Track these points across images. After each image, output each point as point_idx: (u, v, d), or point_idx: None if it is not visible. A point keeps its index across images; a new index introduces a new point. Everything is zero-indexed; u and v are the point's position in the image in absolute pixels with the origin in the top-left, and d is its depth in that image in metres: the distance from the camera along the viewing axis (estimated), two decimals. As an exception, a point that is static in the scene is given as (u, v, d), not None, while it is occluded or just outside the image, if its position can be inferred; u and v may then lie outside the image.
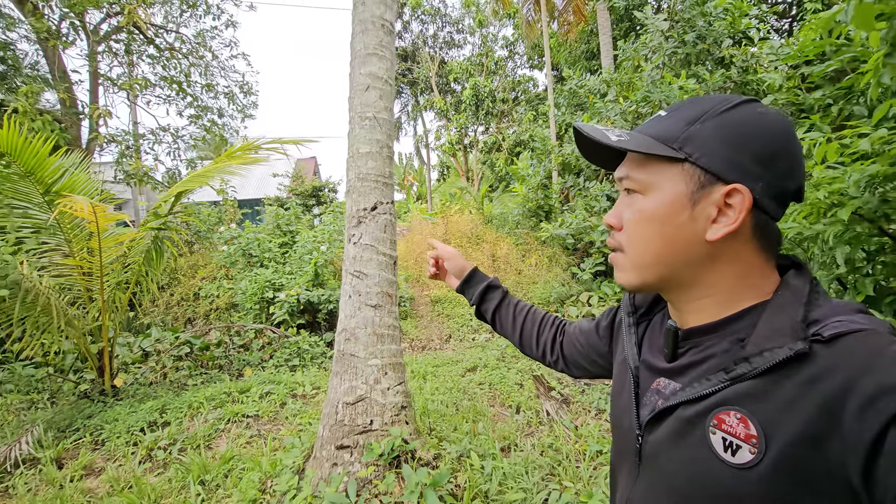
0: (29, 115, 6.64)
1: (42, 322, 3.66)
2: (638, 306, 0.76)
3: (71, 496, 2.61)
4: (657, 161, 0.57)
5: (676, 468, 0.56)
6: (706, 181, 0.54)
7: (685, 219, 0.55)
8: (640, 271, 0.60)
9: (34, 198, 3.49)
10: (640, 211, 0.58)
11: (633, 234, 0.59)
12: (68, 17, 8.09)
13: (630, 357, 0.71)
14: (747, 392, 0.51)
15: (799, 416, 0.46)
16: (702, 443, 0.53)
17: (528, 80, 17.19)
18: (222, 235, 7.59)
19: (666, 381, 0.62)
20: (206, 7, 10.70)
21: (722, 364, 0.54)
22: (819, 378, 0.46)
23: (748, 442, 0.49)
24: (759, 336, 0.52)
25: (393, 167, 2.70)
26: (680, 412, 0.57)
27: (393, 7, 2.79)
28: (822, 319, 0.50)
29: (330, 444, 2.19)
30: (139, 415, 3.53)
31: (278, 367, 5.07)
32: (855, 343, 0.46)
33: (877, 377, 0.42)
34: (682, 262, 0.57)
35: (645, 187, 0.58)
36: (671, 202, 0.56)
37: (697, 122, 0.55)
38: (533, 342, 1.01)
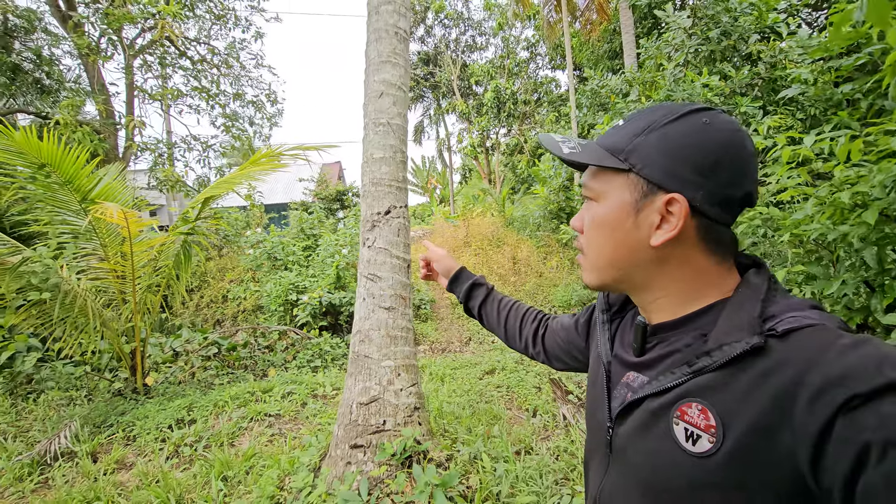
0: (70, 126, 7.03)
1: (80, 322, 3.86)
2: (612, 304, 0.80)
3: (104, 489, 2.74)
4: (608, 171, 0.61)
5: (643, 459, 0.59)
6: (648, 190, 0.58)
7: (630, 225, 0.59)
8: (597, 273, 0.65)
9: (72, 205, 3.69)
10: (593, 217, 0.63)
11: (589, 238, 0.64)
12: (106, 32, 8.51)
13: (603, 352, 0.74)
14: (708, 384, 0.53)
15: (753, 408, 0.48)
16: (666, 434, 0.56)
17: (550, 80, 17.06)
18: (249, 239, 7.82)
19: (635, 375, 0.65)
20: (235, 19, 11.08)
21: (685, 358, 0.57)
22: (772, 371, 0.48)
23: (707, 432, 0.51)
24: (720, 331, 0.54)
25: (407, 172, 2.75)
26: (647, 404, 0.60)
27: (407, 16, 2.84)
28: (778, 315, 0.52)
29: (344, 443, 2.25)
30: (168, 412, 3.68)
31: (300, 367, 5.19)
32: (806, 338, 0.49)
33: (824, 370, 0.45)
34: (632, 265, 0.61)
35: (597, 195, 0.63)
36: (617, 209, 0.60)
37: (642, 133, 0.58)
38: (516, 335, 1.06)
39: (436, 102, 20.08)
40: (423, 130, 21.89)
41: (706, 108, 0.58)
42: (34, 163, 3.29)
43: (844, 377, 0.43)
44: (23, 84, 11.03)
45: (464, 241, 9.58)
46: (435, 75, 18.40)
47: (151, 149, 9.01)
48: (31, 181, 3.43)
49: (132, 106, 9.73)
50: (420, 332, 6.60)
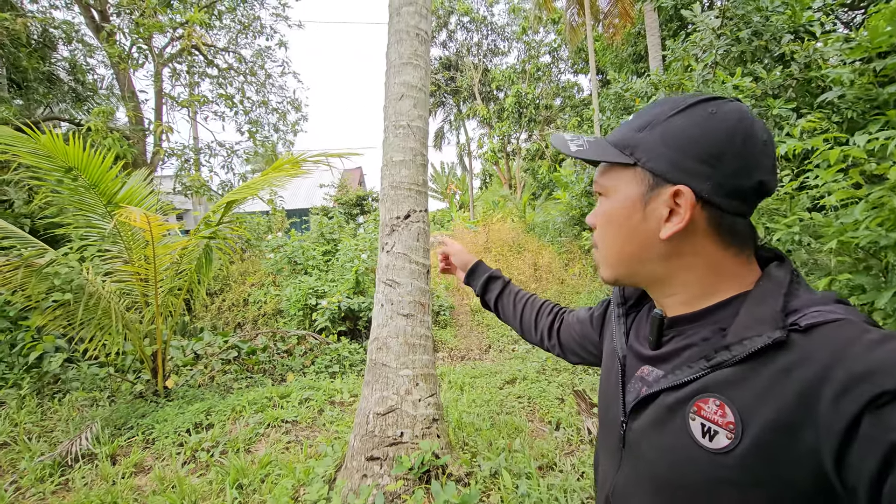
0: (101, 132, 7.22)
1: (104, 323, 3.91)
2: (627, 298, 0.79)
3: (121, 493, 2.73)
4: (616, 166, 0.62)
5: (657, 455, 0.58)
6: (654, 183, 0.58)
7: (639, 219, 0.59)
8: (611, 268, 0.64)
9: (98, 208, 3.75)
10: (604, 213, 0.64)
11: (602, 233, 0.64)
12: (137, 42, 8.76)
13: (618, 346, 0.73)
14: (726, 379, 0.52)
15: (775, 404, 0.47)
16: (682, 429, 0.54)
17: (573, 85, 16.87)
18: (269, 244, 7.89)
19: (650, 369, 0.64)
20: (260, 27, 11.29)
21: (703, 352, 0.56)
22: (795, 366, 0.47)
23: (725, 428, 0.50)
24: (740, 325, 0.53)
25: (427, 175, 2.68)
26: (662, 399, 0.58)
27: (428, 17, 2.79)
28: (801, 309, 0.51)
29: (360, 454, 2.17)
30: (186, 416, 3.67)
31: (319, 373, 5.16)
32: (831, 332, 0.47)
33: (850, 366, 0.43)
34: (644, 258, 0.61)
35: (607, 190, 0.63)
36: (626, 204, 0.60)
37: (647, 128, 0.58)
38: (532, 328, 1.07)
39: (456, 107, 20.08)
40: (443, 136, 21.91)
41: (715, 97, 0.57)
42: (62, 166, 3.35)
43: (872, 373, 0.41)
44: (59, 92, 11.47)
45: (484, 246, 9.48)
46: (456, 80, 18.41)
47: (178, 154, 9.21)
48: (59, 184, 3.49)
49: (160, 112, 9.98)
50: (439, 338, 6.51)
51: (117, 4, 8.88)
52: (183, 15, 8.74)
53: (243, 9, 10.87)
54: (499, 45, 18.40)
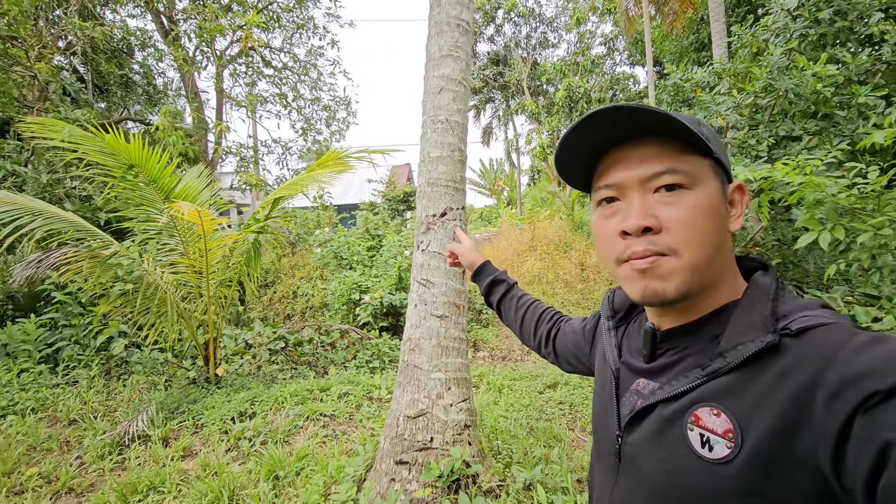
0: (166, 130, 7.70)
1: (162, 312, 4.13)
2: (617, 310, 0.77)
3: (169, 475, 2.86)
4: (693, 154, 0.57)
5: (655, 467, 0.57)
6: (723, 177, 0.59)
7: (725, 211, 0.58)
8: (693, 274, 0.55)
9: (157, 203, 3.96)
10: (695, 206, 0.55)
11: (690, 231, 0.55)
12: (200, 45, 9.25)
13: (611, 359, 0.72)
14: (723, 388, 0.52)
15: (772, 410, 0.47)
16: (680, 440, 0.54)
17: (628, 77, 16.09)
18: (317, 238, 8.10)
19: (645, 382, 0.63)
20: (314, 27, 11.62)
21: (698, 361, 0.56)
22: (789, 371, 0.47)
23: (724, 437, 0.50)
24: (733, 332, 0.54)
25: (465, 171, 2.59)
26: (659, 411, 0.58)
27: (470, 6, 2.69)
28: (790, 314, 0.52)
29: (390, 457, 2.13)
30: (232, 404, 3.81)
31: (359, 367, 5.22)
32: (821, 336, 0.48)
33: (841, 368, 0.44)
34: (721, 254, 0.57)
35: (694, 180, 0.56)
36: (717, 195, 0.57)
37: (698, 123, 0.56)
38: (531, 334, 1.07)
39: (504, 103, 19.80)
40: (491, 132, 21.69)
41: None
42: (125, 163, 3.56)
43: (863, 374, 0.42)
44: (135, 95, 12.40)
45: (529, 245, 9.25)
46: (504, 75, 18.12)
47: (234, 153, 9.66)
48: (123, 180, 3.71)
49: (221, 112, 10.53)
50: (480, 337, 6.41)
51: (183, 10, 9.43)
52: (242, 18, 9.13)
53: (298, 9, 11.22)
54: (548, 38, 17.91)
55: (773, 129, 5.43)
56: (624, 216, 0.58)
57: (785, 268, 5.93)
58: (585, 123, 0.58)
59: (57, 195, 5.99)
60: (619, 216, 0.58)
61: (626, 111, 0.54)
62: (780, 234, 5.95)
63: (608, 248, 0.60)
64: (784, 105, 5.24)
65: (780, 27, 5.34)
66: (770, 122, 5.52)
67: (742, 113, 5.63)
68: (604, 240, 0.61)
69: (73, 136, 3.29)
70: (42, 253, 3.75)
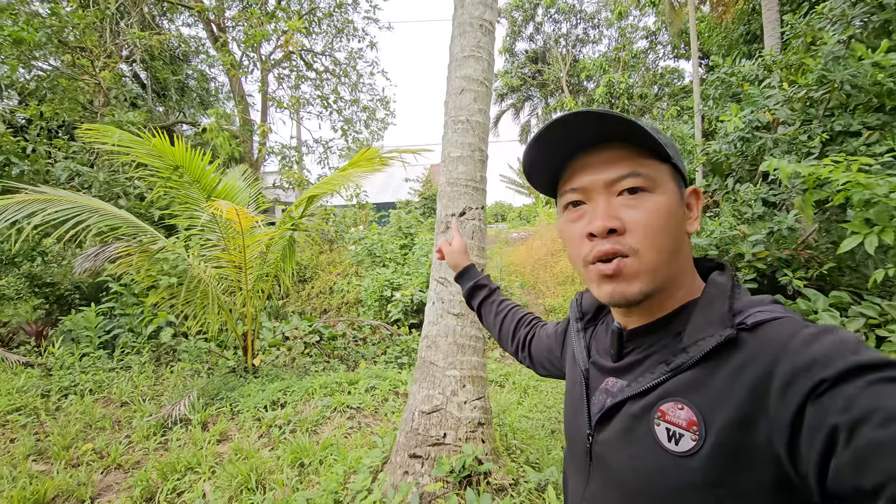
0: (214, 132, 8.13)
1: (204, 303, 4.39)
2: (585, 312, 0.80)
3: (205, 457, 3.05)
4: (653, 159, 0.59)
5: (625, 464, 0.58)
6: (680, 181, 0.62)
7: (683, 214, 0.61)
8: (655, 273, 0.58)
9: (200, 202, 4.20)
10: (656, 208, 0.58)
11: (650, 233, 0.57)
12: (246, 51, 9.70)
13: (580, 360, 0.74)
14: (686, 382, 0.54)
15: (731, 402, 0.49)
16: (648, 436, 0.56)
17: (673, 71, 15.45)
18: (352, 236, 8.30)
19: (614, 380, 0.65)
20: (353, 30, 11.91)
21: (663, 357, 0.59)
22: (746, 364, 0.50)
23: (689, 430, 0.51)
24: (693, 328, 0.56)
25: (486, 171, 2.60)
26: (627, 408, 0.60)
27: (494, 7, 2.69)
28: (745, 310, 0.55)
29: (404, 450, 2.18)
30: (266, 393, 4.00)
31: (388, 363, 5.32)
32: (774, 329, 0.51)
33: (792, 359, 0.46)
34: (678, 256, 0.60)
35: (654, 184, 0.58)
36: (675, 198, 0.59)
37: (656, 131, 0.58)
38: (509, 338, 1.09)
39: (543, 101, 19.49)
40: (529, 130, 21.41)
41: None
42: (170, 164, 3.81)
43: (812, 364, 0.44)
44: (189, 99, 13.17)
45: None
46: (543, 73, 17.85)
47: (276, 153, 10.05)
48: (169, 180, 3.97)
49: (265, 114, 11.00)
50: (510, 337, 6.38)
51: (232, 18, 9.91)
52: (286, 23, 9.49)
53: (339, 14, 11.53)
54: (589, 34, 17.47)
55: (829, 124, 5.09)
56: (590, 219, 0.60)
57: (840, 273, 5.54)
58: (553, 129, 0.60)
59: (115, 193, 6.47)
60: (585, 219, 0.61)
61: (592, 117, 0.56)
62: (836, 236, 5.56)
63: (576, 250, 0.62)
64: (841, 98, 4.89)
65: (837, 14, 4.98)
66: (825, 117, 5.17)
67: (794, 107, 5.32)
68: (571, 242, 0.63)
69: (123, 140, 3.56)
70: (99, 247, 4.08)
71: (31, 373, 4.56)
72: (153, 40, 8.34)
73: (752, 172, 6.58)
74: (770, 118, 5.44)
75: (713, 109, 8.32)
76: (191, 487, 2.74)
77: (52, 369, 4.74)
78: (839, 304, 4.70)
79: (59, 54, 7.52)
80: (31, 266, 6.77)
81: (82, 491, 2.70)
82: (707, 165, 7.49)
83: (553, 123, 0.59)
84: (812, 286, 5.20)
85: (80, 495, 2.69)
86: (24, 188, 3.56)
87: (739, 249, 5.72)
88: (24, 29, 6.36)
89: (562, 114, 0.58)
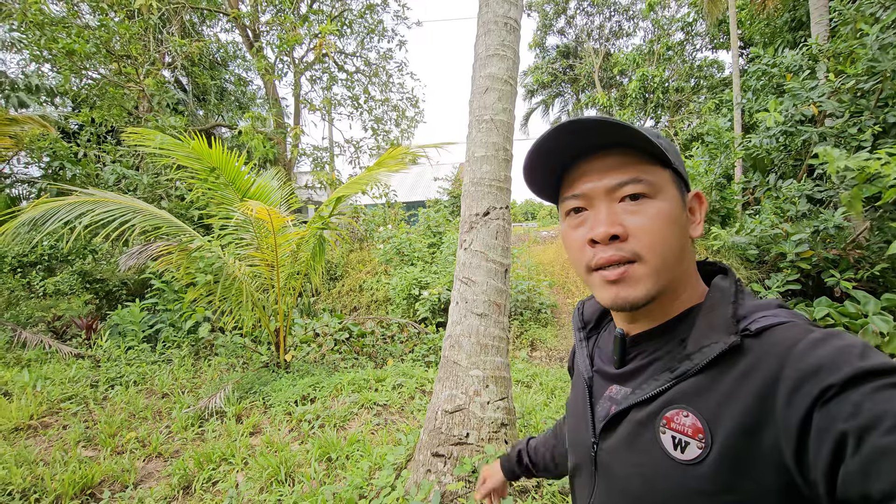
0: (249, 134, 8.41)
1: (239, 300, 4.56)
2: (587, 321, 0.79)
3: (238, 449, 3.17)
4: (654, 165, 0.59)
5: (630, 472, 0.58)
6: (682, 186, 0.62)
7: (685, 219, 0.61)
8: (658, 278, 0.58)
9: (235, 202, 4.36)
10: (658, 214, 0.58)
11: (654, 238, 0.57)
12: (280, 55, 9.97)
13: (583, 369, 0.73)
14: (692, 389, 0.54)
15: (738, 408, 0.49)
16: (653, 444, 0.55)
17: (711, 63, 14.83)
18: (381, 235, 8.41)
19: (618, 388, 0.65)
20: (383, 30, 12.05)
21: (667, 364, 0.58)
22: (751, 370, 0.49)
23: (695, 438, 0.51)
24: (698, 334, 0.56)
25: (510, 171, 2.58)
26: (632, 415, 0.59)
27: (518, 4, 2.66)
28: (749, 315, 0.54)
29: (427, 449, 2.20)
30: (296, 388, 4.11)
31: (416, 361, 5.37)
32: (779, 334, 0.50)
33: (798, 364, 0.45)
34: (681, 261, 0.60)
35: (656, 190, 0.59)
36: (677, 203, 0.60)
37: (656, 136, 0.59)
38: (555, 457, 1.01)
39: (574, 97, 19.14)
40: (560, 127, 21.07)
41: None
42: (207, 166, 3.97)
43: (818, 369, 0.44)
44: (228, 103, 13.66)
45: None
46: (574, 68, 17.52)
47: (308, 154, 10.29)
48: (206, 182, 4.14)
49: (298, 116, 11.28)
50: (538, 337, 6.32)
51: (266, 23, 10.20)
52: (319, 26, 9.70)
53: (369, 14, 11.69)
54: (623, 26, 17.01)
55: (881, 116, 4.78)
56: (592, 225, 0.60)
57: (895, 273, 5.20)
58: (553, 136, 0.60)
59: (157, 195, 6.79)
60: (587, 225, 0.61)
61: (592, 124, 0.57)
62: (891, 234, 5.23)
63: (578, 257, 0.63)
64: (894, 88, 4.59)
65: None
66: (877, 108, 4.86)
67: (842, 99, 5.02)
68: (573, 249, 0.64)
69: (164, 144, 3.73)
70: (142, 245, 4.30)
71: (82, 364, 4.86)
72: (193, 47, 8.69)
73: (795, 168, 6.26)
74: (815, 111, 5.16)
75: (753, 102, 7.96)
76: (224, 477, 2.86)
77: (101, 361, 5.03)
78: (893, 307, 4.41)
79: (107, 63, 7.95)
80: (83, 263, 7.21)
81: (126, 477, 2.86)
82: (747, 160, 7.19)
83: (552, 131, 0.59)
84: (862, 288, 4.90)
85: (123, 481, 2.85)
86: (76, 190, 3.79)
87: (781, 249, 5.46)
88: (76, 41, 6.76)
89: (561, 122, 0.59)
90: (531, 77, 19.21)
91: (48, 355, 5.13)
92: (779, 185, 6.13)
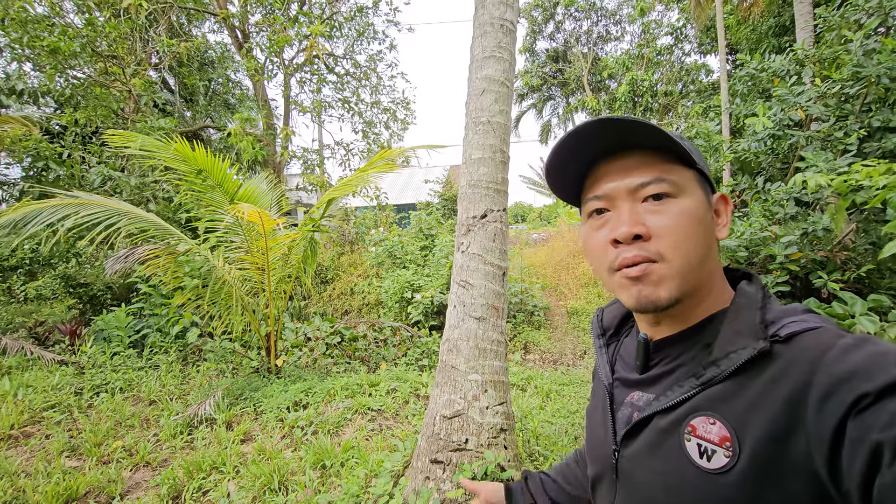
0: (238, 135, 8.30)
1: (228, 304, 4.47)
2: (606, 328, 0.78)
3: (229, 457, 3.09)
4: (678, 164, 0.58)
5: (653, 480, 0.56)
6: (707, 188, 0.61)
7: (711, 220, 0.59)
8: (684, 278, 0.56)
9: (223, 205, 4.28)
10: (682, 213, 0.57)
11: (677, 237, 0.56)
12: (270, 56, 9.87)
13: (604, 375, 0.72)
14: (718, 396, 0.52)
15: (766, 415, 0.47)
16: (677, 451, 0.54)
17: (700, 67, 15.04)
18: (372, 238, 8.35)
19: (640, 394, 0.63)
20: (374, 33, 12.00)
21: (692, 370, 0.56)
22: (781, 376, 0.48)
23: (722, 446, 0.50)
24: (724, 340, 0.54)
25: (507, 173, 2.57)
26: (655, 423, 0.58)
27: (514, 6, 2.65)
28: (777, 321, 0.53)
29: (425, 455, 2.16)
30: (288, 394, 4.04)
31: (409, 364, 5.32)
32: (810, 340, 0.49)
33: (831, 370, 0.44)
34: (706, 262, 0.58)
35: (680, 189, 0.58)
36: (702, 203, 0.58)
37: (681, 136, 0.58)
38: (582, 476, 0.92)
39: (564, 100, 19.28)
40: (550, 130, 21.22)
41: None
42: (194, 168, 3.89)
43: (852, 376, 0.43)
44: (216, 104, 13.49)
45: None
46: (564, 72, 17.65)
47: (298, 157, 10.20)
48: (193, 184, 4.06)
49: (288, 118, 11.17)
50: (532, 340, 6.31)
51: (255, 24, 10.10)
52: (308, 28, 9.62)
53: (360, 17, 11.64)
54: (611, 31, 17.20)
55: (866, 120, 4.87)
56: (614, 225, 0.59)
57: (880, 275, 5.29)
58: (575, 136, 0.59)
59: (144, 197, 6.66)
60: (609, 226, 0.60)
61: (616, 123, 0.56)
62: (875, 236, 5.32)
63: (600, 258, 0.61)
64: (879, 93, 4.68)
65: (873, 5, 4.76)
66: (862, 112, 4.95)
67: (828, 103, 5.10)
68: (595, 250, 0.62)
69: (147, 145, 3.65)
70: (129, 249, 4.20)
71: (65, 371, 4.73)
72: (181, 47, 8.56)
73: (783, 171, 6.35)
74: (802, 115, 5.24)
75: (741, 107, 8.08)
76: (216, 486, 2.78)
77: (85, 368, 4.90)
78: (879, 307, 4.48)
79: (93, 63, 7.79)
80: (66, 267, 7.04)
81: (112, 488, 2.77)
82: (735, 164, 7.27)
83: (575, 131, 0.58)
84: (849, 289, 4.97)
85: (109, 492, 2.76)
86: (59, 192, 3.69)
87: (771, 251, 5.52)
88: (61, 39, 6.61)
89: (584, 121, 0.58)
90: (521, 81, 19.31)
91: (30, 362, 4.98)
92: (767, 187, 6.21)
